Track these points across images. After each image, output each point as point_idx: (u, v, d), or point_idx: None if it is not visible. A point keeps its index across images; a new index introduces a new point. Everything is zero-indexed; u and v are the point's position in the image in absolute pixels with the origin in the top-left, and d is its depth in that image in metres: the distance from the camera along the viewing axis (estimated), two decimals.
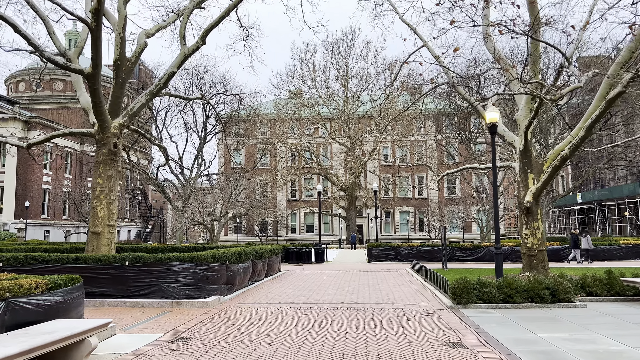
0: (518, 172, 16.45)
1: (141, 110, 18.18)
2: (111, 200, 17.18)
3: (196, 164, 47.59)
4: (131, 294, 11.55)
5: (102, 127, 17.06)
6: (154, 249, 22.27)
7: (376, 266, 25.05)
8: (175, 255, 11.87)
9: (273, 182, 61.28)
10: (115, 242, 17.41)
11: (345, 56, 54.70)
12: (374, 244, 28.26)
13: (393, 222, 68.18)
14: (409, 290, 14.50)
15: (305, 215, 67.76)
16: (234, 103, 49.23)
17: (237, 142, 62.22)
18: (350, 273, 20.76)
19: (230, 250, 13.64)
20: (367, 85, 55.78)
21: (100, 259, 11.68)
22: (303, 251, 27.68)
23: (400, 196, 67.86)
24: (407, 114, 55.15)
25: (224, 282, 12.72)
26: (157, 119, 48.95)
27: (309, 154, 58.14)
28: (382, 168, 66.83)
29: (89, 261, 11.70)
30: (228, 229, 69.46)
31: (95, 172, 17.20)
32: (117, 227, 54.48)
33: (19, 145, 18.63)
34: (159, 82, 18.34)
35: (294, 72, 55.36)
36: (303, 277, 19.22)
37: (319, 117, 55.65)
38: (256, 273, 16.27)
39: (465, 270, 20.34)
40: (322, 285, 16.17)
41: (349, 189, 55.04)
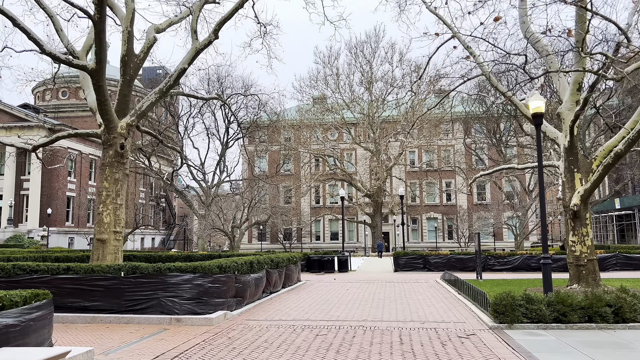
0: (563, 171, 14.67)
1: (150, 109, 17.07)
2: (118, 205, 16.05)
3: (218, 170, 46.83)
4: (127, 308, 10.27)
5: (108, 127, 15.98)
6: (167, 257, 21.14)
7: (403, 276, 23.38)
8: (176, 265, 10.56)
9: (296, 189, 60.04)
10: (129, 249, 16.37)
11: (369, 59, 53.25)
12: (400, 252, 26.59)
13: (420, 230, 66.13)
14: (441, 305, 12.86)
15: (330, 222, 66.27)
16: (256, 107, 48.51)
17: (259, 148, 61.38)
18: (375, 284, 19.17)
19: (240, 259, 12.28)
20: (392, 89, 54.15)
21: (93, 269, 10.46)
22: (325, 259, 26.21)
23: (428, 202, 65.83)
24: (435, 117, 53.45)
25: (232, 295, 11.35)
26: (178, 125, 48.43)
27: (332, 160, 56.75)
28: (408, 174, 64.98)
29: (80, 271, 10.48)
30: (252, 236, 68.48)
31: (101, 175, 16.11)
32: (136, 234, 53.11)
33: (24, 147, 17.73)
34: (169, 80, 17.21)
35: (317, 77, 54.13)
36: (323, 288, 17.74)
37: (342, 122, 54.26)
38: (271, 284, 14.87)
39: (502, 281, 18.53)
40: (344, 298, 14.66)
41: (374, 195, 53.36)
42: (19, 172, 55.53)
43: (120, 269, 10.37)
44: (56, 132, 56.56)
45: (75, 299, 10.40)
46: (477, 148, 51.79)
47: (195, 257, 20.88)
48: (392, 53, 54.02)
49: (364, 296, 14.96)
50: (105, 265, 10.50)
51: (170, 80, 17.22)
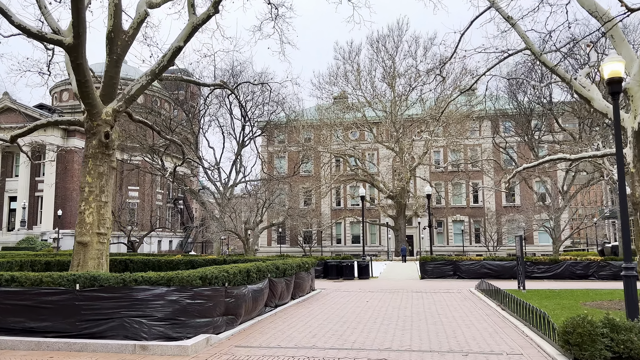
0: (631, 160, 11.98)
1: (140, 93, 14.93)
2: (102, 202, 13.91)
3: (234, 170, 44.79)
4: (81, 331, 8.02)
5: (91, 112, 13.88)
6: (167, 262, 18.98)
7: (431, 284, 20.78)
8: (144, 276, 8.26)
9: (316, 190, 57.69)
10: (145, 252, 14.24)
11: (392, 53, 50.68)
12: (427, 258, 23.99)
13: (446, 233, 63.12)
14: (483, 326, 10.31)
15: (351, 225, 63.72)
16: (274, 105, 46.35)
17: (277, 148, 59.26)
18: (399, 294, 16.66)
19: (234, 268, 9.95)
20: (416, 84, 51.45)
21: (42, 279, 8.25)
22: (344, 265, 23.77)
23: (454, 204, 62.76)
24: (461, 114, 50.54)
25: (220, 312, 9.02)
26: (192, 123, 46.59)
27: (353, 160, 54.27)
28: (433, 174, 62.10)
29: (26, 283, 8.29)
30: (271, 239, 66.40)
31: (83, 169, 14.00)
32: (153, 236, 51.03)
33: (4, 139, 15.81)
34: (162, 60, 15.04)
35: (336, 73, 51.74)
36: (340, 299, 15.30)
37: (364, 121, 51.74)
38: (277, 296, 12.51)
39: (550, 293, 15.83)
40: (363, 314, 12.20)
41: (397, 196, 50.67)
42: (34, 173, 54.55)
43: (75, 280, 8.14)
44: (70, 132, 55.45)
45: (19, 319, 8.22)
46: (508, 147, 48.63)
47: (198, 263, 18.67)
48: (416, 47, 51.44)
49: (387, 311, 12.48)
50: (57, 274, 8.29)
51: (164, 61, 15.04)
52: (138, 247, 55.73)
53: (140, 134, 45.54)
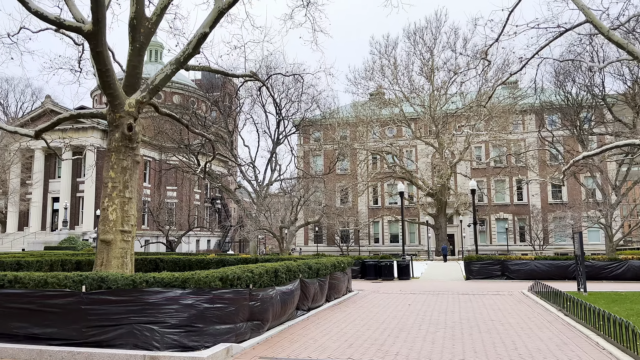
0: None
1: (165, 83, 14.10)
2: (126, 198, 13.13)
3: (269, 168, 44.14)
4: (87, 338, 7.14)
5: (113, 104, 13.13)
6: (198, 261, 18.22)
7: (478, 286, 19.27)
8: (157, 277, 7.32)
9: (353, 188, 56.45)
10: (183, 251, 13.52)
11: (430, 45, 48.94)
12: (473, 257, 22.43)
13: (489, 231, 60.77)
14: (547, 335, 8.92)
15: (389, 223, 62.20)
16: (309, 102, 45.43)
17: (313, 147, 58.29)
18: (444, 297, 15.29)
19: (260, 267, 8.92)
20: (455, 77, 49.50)
21: (46, 280, 7.43)
22: (383, 265, 22.49)
23: (497, 202, 60.32)
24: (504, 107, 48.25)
25: (244, 318, 8.00)
26: (227, 122, 46.19)
27: (391, 157, 52.73)
28: (474, 171, 59.89)
29: (30, 284, 7.48)
30: (308, 238, 65.66)
31: (106, 164, 13.27)
32: (192, 236, 51.05)
33: (28, 135, 15.33)
34: (187, 47, 14.15)
35: (372, 67, 50.33)
36: (379, 302, 14.09)
37: (402, 116, 50.11)
38: (309, 298, 11.43)
39: (616, 296, 14.15)
40: (405, 319, 10.97)
41: (437, 193, 48.85)
42: (75, 174, 55.50)
43: (81, 281, 7.28)
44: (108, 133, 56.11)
45: (22, 324, 7.42)
46: (555, 141, 46.06)
47: (229, 262, 17.82)
48: (455, 38, 49.43)
49: (433, 317, 11.20)
50: (63, 275, 7.46)
51: (189, 48, 14.16)
52: (176, 247, 55.94)
53: (176, 132, 45.45)
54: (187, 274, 7.40)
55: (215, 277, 7.50)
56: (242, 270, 8.21)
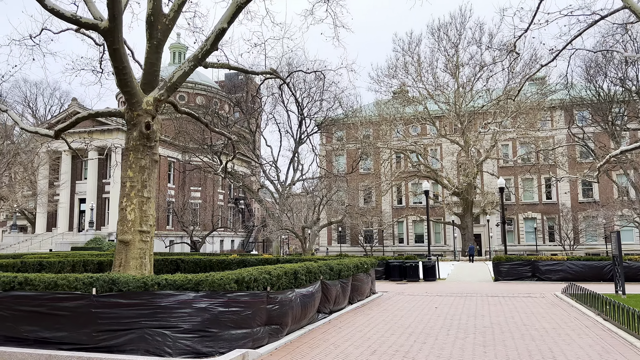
0: None
1: (183, 81, 13.82)
2: (144, 198, 12.91)
3: (291, 168, 43.90)
4: (97, 343, 6.84)
5: (130, 102, 12.91)
6: (219, 261, 17.96)
7: (508, 287, 18.52)
8: (168, 279, 6.97)
9: (376, 187, 55.77)
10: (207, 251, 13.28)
11: (454, 41, 47.99)
12: (502, 257, 21.64)
13: (517, 231, 59.32)
14: (586, 341, 8.27)
15: (414, 223, 61.28)
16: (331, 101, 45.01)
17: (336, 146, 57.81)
18: (473, 299, 14.66)
19: (278, 269, 8.51)
20: (481, 73, 48.44)
21: (56, 283, 7.15)
22: (408, 265, 21.88)
23: (525, 201, 58.87)
24: (532, 103, 46.98)
25: (262, 322, 7.61)
26: (250, 122, 46.07)
27: (415, 156, 51.89)
28: (501, 169, 58.59)
29: (40, 286, 7.22)
30: (332, 238, 65.23)
31: (124, 163, 13.07)
32: (215, 236, 51.00)
33: (49, 135, 15.27)
34: (205, 44, 13.87)
35: (395, 64, 49.58)
36: (404, 304, 13.54)
37: (426, 114, 49.25)
38: (331, 300, 10.99)
39: None
40: (432, 323, 10.43)
41: (463, 192, 47.84)
42: (101, 175, 56.20)
43: (92, 283, 6.98)
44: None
45: (32, 327, 7.17)
46: (586, 137, 44.61)
47: (250, 262, 17.51)
48: (481, 34, 48.40)
49: (462, 321, 10.62)
50: (73, 277, 7.17)
51: (207, 45, 13.86)
52: (200, 247, 56.18)
53: (198, 133, 45.57)
54: (201, 276, 7.04)
55: (230, 279, 7.12)
56: (259, 272, 7.81)
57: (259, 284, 7.63)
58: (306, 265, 9.86)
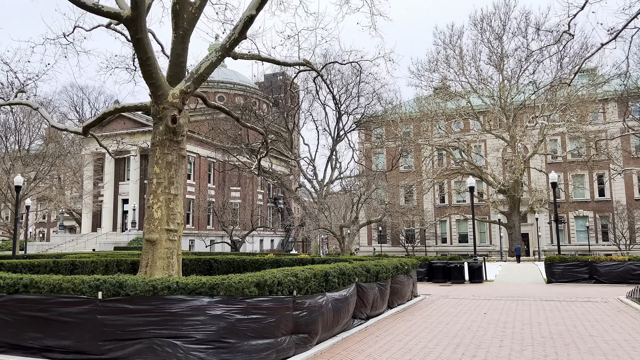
0: None
1: (210, 72, 13.14)
2: (172, 195, 12.31)
3: (329, 166, 43.12)
4: (103, 353, 6.14)
5: (156, 95, 12.34)
6: (252, 261, 17.28)
7: (563, 290, 17.01)
8: (181, 282, 6.19)
9: (418, 185, 54.18)
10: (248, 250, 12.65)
11: (498, 32, 45.96)
12: (555, 258, 20.03)
13: (567, 230, 56.44)
14: None
15: (458, 222, 59.32)
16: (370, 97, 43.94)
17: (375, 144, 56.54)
18: (525, 304, 13.34)
19: (307, 271, 7.62)
20: (527, 65, 46.18)
21: (61, 285, 6.51)
22: (452, 266, 20.60)
23: (576, 198, 55.95)
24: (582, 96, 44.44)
25: (287, 330, 6.75)
26: (287, 120, 45.58)
27: (458, 152, 50.05)
28: (549, 166, 55.90)
29: (45, 289, 6.60)
30: (372, 238, 64.06)
31: (151, 159, 12.52)
32: (255, 235, 50.81)
33: (77, 132, 14.96)
34: (233, 32, 13.14)
35: (436, 58, 47.95)
36: (449, 309, 12.41)
37: (469, 109, 47.39)
38: (367, 305, 10.02)
39: None
40: (481, 332, 9.30)
41: (509, 190, 45.70)
42: (143, 176, 56.99)
43: (98, 287, 6.29)
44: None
45: (37, 334, 6.55)
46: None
47: (284, 262, 16.76)
48: (526, 24, 46.10)
49: (516, 329, 9.44)
50: (79, 279, 6.51)
51: (235, 33, 13.14)
52: (240, 247, 56.15)
53: (235, 132, 45.38)
54: (217, 279, 6.23)
55: (249, 283, 6.28)
56: (284, 275, 6.94)
57: (284, 287, 6.76)
58: (339, 266, 8.92)
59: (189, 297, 6.05)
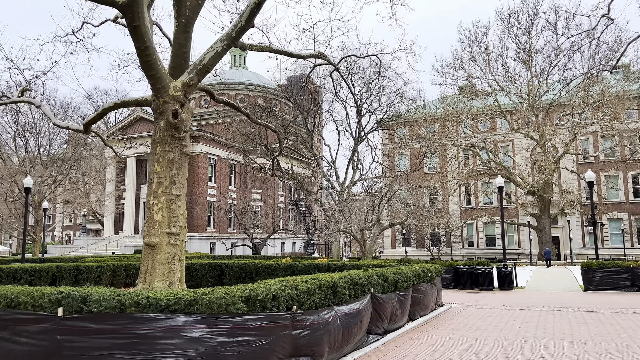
0: None
1: (215, 63, 12.18)
2: (173, 196, 11.40)
3: (351, 167, 41.94)
4: None
5: (156, 88, 11.46)
6: (265, 266, 16.27)
7: (603, 299, 15.51)
8: (151, 298, 5.15)
9: (443, 187, 52.57)
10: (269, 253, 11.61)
11: (526, 27, 44.16)
12: (593, 263, 18.46)
13: (601, 233, 53.99)
14: None
15: (485, 225, 57.44)
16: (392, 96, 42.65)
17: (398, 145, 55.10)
18: (563, 315, 11.98)
19: (310, 281, 6.52)
20: (557, 61, 44.24)
21: (19, 299, 5.55)
22: (480, 272, 19.23)
23: (609, 200, 53.56)
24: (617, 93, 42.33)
25: (286, 353, 5.67)
26: (307, 120, 44.59)
27: (485, 153, 48.29)
28: (580, 166, 53.65)
29: (0, 303, 5.65)
30: (395, 242, 62.61)
31: (151, 157, 11.63)
32: (277, 238, 49.98)
33: (79, 130, 14.20)
34: (239, 20, 12.17)
35: (461, 55, 46.36)
36: (477, 322, 11.14)
37: (496, 108, 45.65)
38: (385, 318, 8.86)
39: None
40: (517, 351, 8.04)
41: (539, 191, 43.78)
42: None
43: (59, 302, 5.32)
44: (195, 138, 56.95)
45: None
46: None
47: (298, 268, 15.71)
48: (556, 18, 44.15)
49: (556, 348, 8.16)
50: (40, 292, 5.55)
51: (241, 21, 12.17)
52: (261, 250, 55.37)
53: (255, 134, 44.60)
54: (196, 293, 5.18)
55: (236, 298, 5.22)
56: (282, 287, 5.86)
57: (280, 302, 5.68)
58: (351, 275, 7.81)
59: (161, 315, 5.02)
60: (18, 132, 36.40)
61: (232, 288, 5.47)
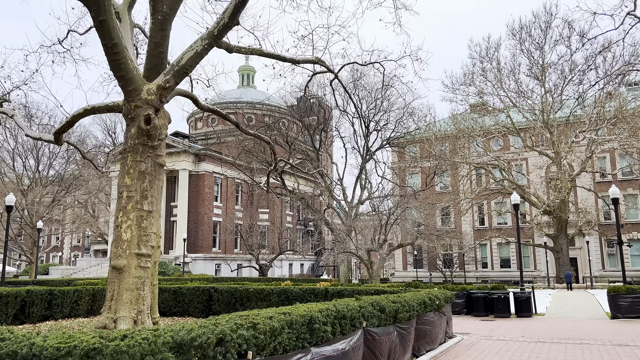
0: None
1: (194, 63, 10.98)
2: (145, 212, 10.09)
3: (359, 186, 40.49)
4: None
5: (126, 90, 10.28)
6: (257, 291, 14.79)
7: (636, 329, 13.75)
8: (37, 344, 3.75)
9: (455, 206, 50.80)
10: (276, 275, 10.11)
11: (539, 42, 42.81)
12: (621, 288, 16.70)
13: (620, 254, 51.41)
14: None
15: (499, 246, 55.38)
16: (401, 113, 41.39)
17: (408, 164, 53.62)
18: (593, 351, 10.32)
19: (276, 319, 5.07)
20: (572, 76, 42.73)
21: None
22: (495, 297, 17.54)
23: (629, 220, 51.34)
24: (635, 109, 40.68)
25: None
26: (313, 138, 43.42)
27: (498, 171, 46.57)
28: (598, 185, 51.73)
29: None
30: (407, 263, 60.66)
31: (121, 168, 10.37)
32: (284, 259, 48.49)
33: (50, 141, 13.02)
34: (222, 17, 11.02)
35: (472, 71, 45.07)
36: (492, 359, 9.53)
37: (509, 125, 44.13)
38: (381, 357, 7.34)
39: None
40: None
41: (555, 211, 41.86)
42: (169, 198, 55.75)
43: None
44: (200, 157, 56.01)
45: None
46: None
47: (293, 293, 14.18)
48: (570, 33, 42.78)
49: None
50: None
51: (224, 18, 11.00)
52: (268, 271, 53.74)
53: (259, 150, 43.46)
54: (102, 339, 3.75)
55: (160, 345, 3.78)
56: (233, 327, 4.41)
57: (229, 348, 4.24)
58: (336, 307, 6.33)
59: None
60: (17, 150, 35.65)
61: (161, 329, 4.04)
